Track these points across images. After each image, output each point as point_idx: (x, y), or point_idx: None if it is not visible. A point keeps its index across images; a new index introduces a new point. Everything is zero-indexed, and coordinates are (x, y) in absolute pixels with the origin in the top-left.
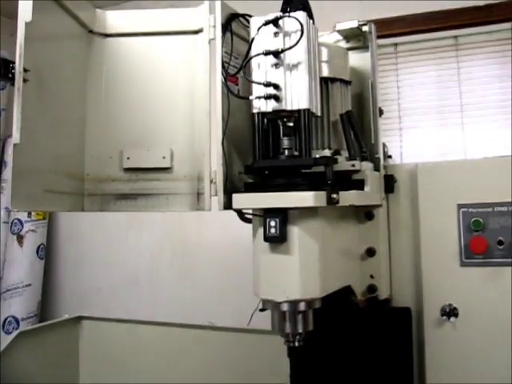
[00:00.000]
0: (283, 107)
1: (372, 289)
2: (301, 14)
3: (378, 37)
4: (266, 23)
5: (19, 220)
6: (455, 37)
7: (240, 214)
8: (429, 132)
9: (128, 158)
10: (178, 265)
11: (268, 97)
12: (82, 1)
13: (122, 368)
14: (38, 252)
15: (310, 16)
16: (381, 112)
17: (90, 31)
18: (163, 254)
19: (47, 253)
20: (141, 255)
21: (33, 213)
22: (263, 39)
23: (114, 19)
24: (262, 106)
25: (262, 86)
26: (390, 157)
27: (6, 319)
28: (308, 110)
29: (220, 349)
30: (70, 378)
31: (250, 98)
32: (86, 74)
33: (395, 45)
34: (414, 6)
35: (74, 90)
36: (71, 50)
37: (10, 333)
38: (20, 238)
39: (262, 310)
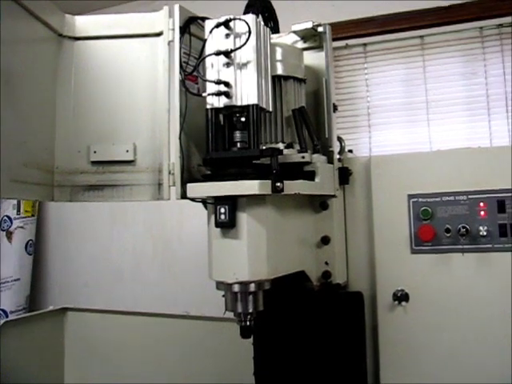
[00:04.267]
0: (234, 103)
1: (326, 275)
2: (250, 17)
3: (348, 37)
4: (218, 25)
5: (8, 217)
6: (421, 36)
7: (204, 203)
8: (397, 128)
9: (95, 152)
10: (160, 259)
11: (219, 93)
12: (51, 7)
13: (105, 356)
14: (26, 248)
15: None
16: (335, 108)
17: (60, 35)
18: (145, 249)
19: (36, 248)
20: (124, 251)
21: (21, 210)
22: (216, 40)
23: (83, 23)
24: (214, 102)
25: (213, 84)
26: (350, 151)
27: None
28: (257, 105)
29: (199, 337)
30: (55, 367)
31: (203, 94)
32: (56, 74)
33: (364, 45)
34: (382, 6)
35: (43, 89)
36: (41, 52)
37: None
38: (9, 234)
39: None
